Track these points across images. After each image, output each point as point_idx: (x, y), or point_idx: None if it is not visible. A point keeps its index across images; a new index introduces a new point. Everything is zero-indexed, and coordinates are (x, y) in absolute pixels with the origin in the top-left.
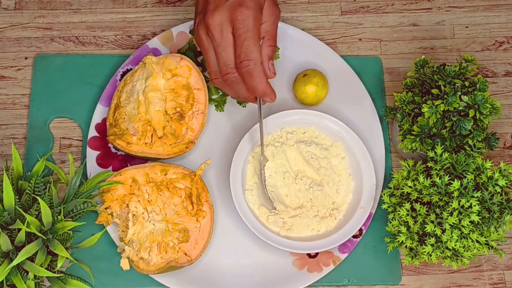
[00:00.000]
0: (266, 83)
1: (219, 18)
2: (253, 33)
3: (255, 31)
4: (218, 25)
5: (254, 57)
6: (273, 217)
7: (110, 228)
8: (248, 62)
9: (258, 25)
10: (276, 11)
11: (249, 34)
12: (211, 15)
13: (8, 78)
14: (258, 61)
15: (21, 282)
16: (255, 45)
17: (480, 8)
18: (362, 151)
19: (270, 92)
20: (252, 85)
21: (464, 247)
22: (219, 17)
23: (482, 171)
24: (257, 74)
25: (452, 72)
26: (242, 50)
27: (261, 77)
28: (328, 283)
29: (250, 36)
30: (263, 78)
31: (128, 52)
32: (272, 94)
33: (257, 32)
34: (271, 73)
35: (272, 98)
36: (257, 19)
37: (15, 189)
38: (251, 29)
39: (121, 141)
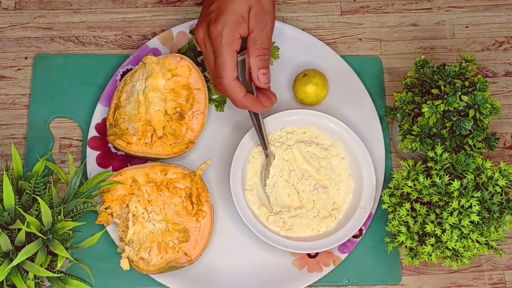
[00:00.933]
0: (243, 98)
1: (201, 33)
2: (225, 51)
3: (227, 48)
4: (202, 39)
5: (225, 75)
6: (273, 217)
7: (110, 228)
8: (219, 80)
9: (233, 40)
10: (263, 19)
11: (220, 52)
12: (197, 29)
13: (8, 78)
14: (228, 78)
15: (21, 282)
16: (227, 62)
17: (480, 8)
18: (362, 151)
19: (251, 106)
20: (230, 100)
21: (464, 247)
22: (201, 32)
23: (482, 171)
24: (230, 91)
25: (452, 72)
26: (216, 68)
27: (235, 93)
28: (328, 283)
29: (222, 53)
30: (238, 94)
31: (128, 52)
32: (255, 107)
33: (229, 49)
34: (262, 83)
35: (258, 110)
36: (230, 34)
37: (15, 189)
38: (222, 47)
39: (121, 141)
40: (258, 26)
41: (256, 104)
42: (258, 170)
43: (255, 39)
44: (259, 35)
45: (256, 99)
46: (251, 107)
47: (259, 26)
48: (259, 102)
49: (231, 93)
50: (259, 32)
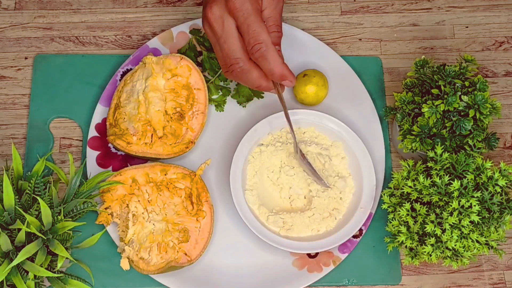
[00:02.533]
0: (283, 64)
1: (218, 11)
2: (255, 17)
3: (257, 14)
4: (218, 17)
5: (264, 39)
6: (273, 217)
7: (110, 228)
8: (259, 46)
9: (258, 9)
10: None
11: (251, 19)
12: (210, 9)
13: (8, 78)
14: (269, 42)
15: (21, 282)
16: (261, 27)
17: (480, 8)
18: (362, 151)
19: (289, 74)
20: (268, 68)
21: (464, 247)
22: (217, 10)
23: (482, 171)
24: (271, 55)
25: (452, 72)
26: (250, 36)
27: (276, 58)
28: (328, 283)
29: (253, 20)
30: (279, 59)
31: (128, 52)
32: (291, 76)
33: (259, 15)
34: None
35: (292, 81)
36: (255, 2)
37: (15, 189)
38: (252, 13)
39: (121, 141)
40: (271, 4)
41: (291, 73)
42: (258, 170)
43: (269, 16)
44: (272, 12)
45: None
46: (288, 75)
47: (272, 3)
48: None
49: (271, 57)
50: (272, 9)
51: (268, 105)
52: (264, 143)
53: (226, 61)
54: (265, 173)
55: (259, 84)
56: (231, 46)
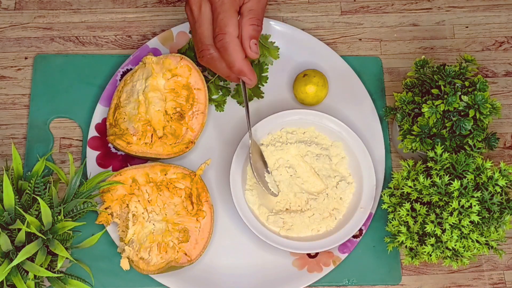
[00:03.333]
0: (243, 59)
1: None
2: (229, 7)
3: (231, 6)
4: (197, 1)
5: (229, 31)
6: (273, 217)
7: (110, 228)
8: (222, 36)
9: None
10: None
11: (224, 7)
12: None
13: (8, 78)
14: (233, 35)
15: (21, 282)
16: (231, 18)
17: (480, 8)
18: (362, 151)
19: (247, 71)
20: (229, 60)
21: (464, 247)
22: None
23: (482, 171)
24: (232, 48)
25: (452, 72)
26: (217, 24)
27: (237, 52)
28: (328, 283)
29: (225, 10)
30: (239, 54)
31: (128, 52)
32: (250, 73)
33: (233, 6)
34: (253, 53)
35: (251, 79)
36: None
37: (15, 189)
38: (226, 3)
39: (121, 141)
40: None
41: (252, 71)
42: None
43: (250, 8)
44: (254, 5)
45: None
46: (247, 72)
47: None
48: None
49: (232, 50)
50: (255, 2)
51: (268, 105)
52: (264, 143)
53: (198, 45)
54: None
55: (227, 74)
56: (204, 31)
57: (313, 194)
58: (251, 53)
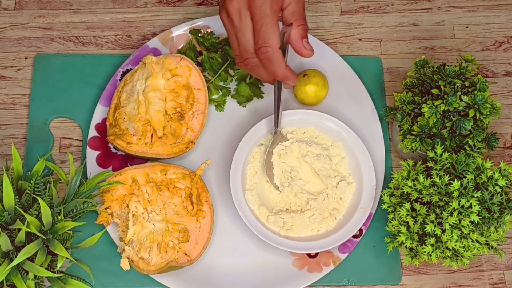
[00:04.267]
0: (285, 67)
1: (237, 3)
2: (271, 19)
3: (273, 16)
4: (236, 10)
5: (272, 44)
6: (273, 217)
7: (110, 228)
8: (266, 49)
9: (277, 10)
10: None
11: (266, 20)
12: (230, 0)
13: (8, 78)
14: (276, 47)
15: (21, 282)
16: (273, 30)
17: (480, 8)
18: (362, 151)
19: (291, 76)
20: (272, 70)
21: (464, 247)
22: (237, 2)
23: (482, 171)
24: (275, 59)
25: (452, 72)
26: (260, 37)
27: (280, 62)
28: (328, 283)
29: (267, 22)
30: (282, 63)
31: (128, 52)
32: (292, 77)
33: (275, 17)
34: (308, 51)
35: (294, 81)
36: (274, 3)
37: (15, 189)
38: (268, 15)
39: (121, 141)
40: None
41: (294, 75)
42: (258, 170)
43: (292, 11)
44: (295, 7)
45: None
46: (290, 77)
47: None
48: (295, 74)
49: (276, 61)
50: (295, 4)
51: (268, 105)
52: (264, 143)
53: (242, 53)
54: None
55: (268, 80)
56: (248, 40)
57: (313, 194)
58: (306, 52)
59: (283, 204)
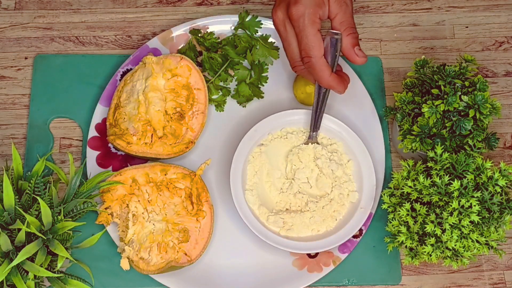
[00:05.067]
0: (330, 75)
1: (281, 15)
2: (309, 31)
3: (312, 28)
4: (281, 21)
5: (314, 54)
6: (273, 217)
7: (110, 228)
8: (308, 59)
9: (315, 20)
10: (344, 1)
11: (305, 33)
12: (275, 12)
13: (8, 78)
14: (318, 57)
15: (21, 282)
16: (313, 42)
17: (480, 8)
18: (362, 151)
19: (335, 85)
20: (316, 78)
21: (464, 247)
22: (281, 14)
23: (482, 171)
24: (318, 68)
25: (452, 72)
26: (302, 48)
27: (323, 71)
28: (328, 283)
29: (307, 34)
30: (326, 72)
31: (128, 52)
32: (338, 86)
33: (314, 28)
34: (360, 59)
35: (340, 91)
36: (312, 15)
37: (15, 189)
38: (307, 27)
39: (121, 141)
40: (341, 9)
41: (341, 84)
42: (258, 170)
43: (341, 21)
44: (343, 16)
45: (340, 78)
46: (335, 86)
47: (341, 9)
48: (343, 82)
49: (319, 70)
50: (342, 14)
51: (268, 105)
52: (264, 143)
53: (291, 61)
54: (264, 173)
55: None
56: (293, 50)
57: (315, 197)
58: (359, 59)
59: (283, 204)
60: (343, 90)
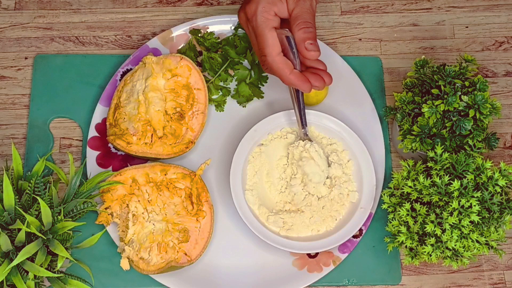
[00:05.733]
0: (290, 74)
1: (243, 15)
2: (262, 29)
3: (264, 26)
4: (244, 21)
5: (267, 52)
6: (273, 217)
7: (110, 228)
8: (264, 58)
9: (268, 18)
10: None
11: (258, 31)
12: (239, 12)
13: (8, 78)
14: (272, 55)
15: (21, 282)
16: (266, 40)
17: (480, 8)
18: (362, 151)
19: (299, 83)
20: (277, 76)
21: (464, 247)
22: (243, 14)
23: (482, 171)
24: (276, 67)
25: (452, 72)
26: (259, 47)
27: (281, 70)
28: (328, 283)
29: (259, 33)
30: (284, 70)
31: (128, 52)
32: (303, 85)
33: (267, 27)
34: (310, 53)
35: (304, 89)
36: (265, 12)
37: (15, 189)
38: (259, 25)
39: (121, 141)
40: (297, 4)
41: (303, 82)
42: (258, 170)
43: (295, 16)
44: (298, 11)
45: (303, 77)
46: (297, 85)
47: (297, 4)
48: (306, 80)
49: (276, 69)
50: (298, 9)
51: (268, 105)
52: (264, 143)
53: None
54: (264, 173)
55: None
56: (256, 49)
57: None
58: (308, 54)
59: (283, 204)
60: (307, 89)
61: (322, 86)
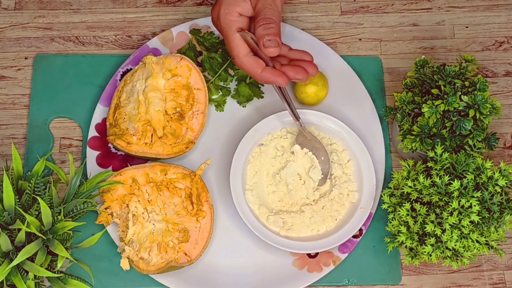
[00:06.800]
0: (262, 72)
1: (215, 17)
2: (226, 31)
3: (228, 28)
4: (215, 23)
5: (235, 54)
6: (273, 217)
7: (110, 228)
8: (234, 59)
9: (231, 19)
10: None
11: (224, 33)
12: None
13: (8, 78)
14: (239, 57)
15: (21, 282)
16: (231, 41)
17: (480, 8)
18: (362, 151)
19: (273, 79)
20: (250, 76)
21: (464, 247)
22: (214, 16)
23: (482, 171)
24: (246, 67)
25: (452, 72)
26: (228, 48)
27: (252, 69)
28: (328, 283)
29: (225, 35)
30: (254, 69)
31: (128, 52)
32: (278, 79)
33: (231, 28)
34: (268, 49)
35: (281, 83)
36: (228, 14)
37: (15, 189)
38: (224, 27)
39: (121, 141)
40: (259, 1)
41: (278, 77)
42: (258, 170)
43: (256, 13)
44: (260, 7)
45: (277, 72)
46: (271, 81)
47: (259, 1)
48: (280, 74)
49: (247, 69)
50: (260, 5)
51: (268, 105)
52: (264, 143)
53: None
54: (264, 173)
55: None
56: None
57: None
58: (266, 50)
59: (283, 204)
60: (283, 82)
61: (305, 77)
